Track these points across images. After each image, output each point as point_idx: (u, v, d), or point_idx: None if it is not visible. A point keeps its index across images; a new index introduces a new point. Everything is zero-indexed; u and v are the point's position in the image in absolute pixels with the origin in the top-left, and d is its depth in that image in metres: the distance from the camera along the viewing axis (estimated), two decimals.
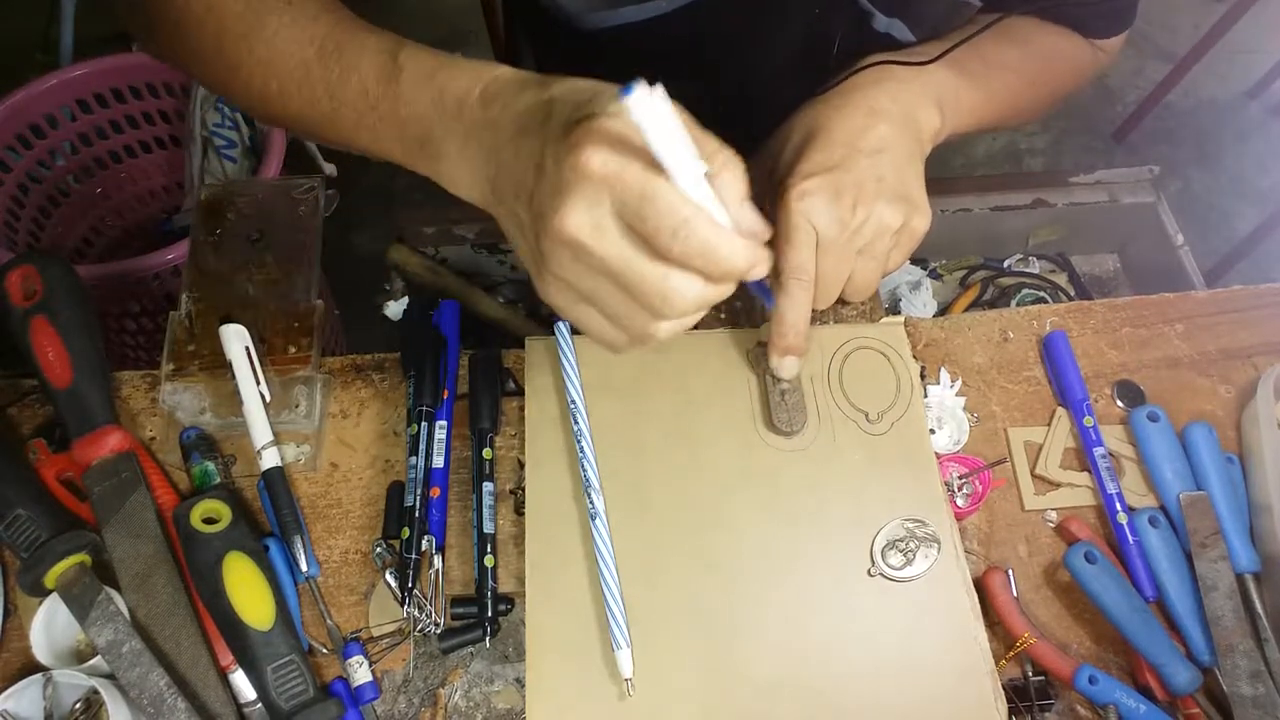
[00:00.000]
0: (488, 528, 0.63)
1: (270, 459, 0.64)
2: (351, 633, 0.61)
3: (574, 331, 0.67)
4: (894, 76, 0.60)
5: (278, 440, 0.65)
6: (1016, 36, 0.68)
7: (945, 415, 0.68)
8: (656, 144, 0.39)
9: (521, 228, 0.44)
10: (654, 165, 0.39)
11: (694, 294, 0.41)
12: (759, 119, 0.65)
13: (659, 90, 0.37)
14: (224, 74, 0.53)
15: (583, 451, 0.61)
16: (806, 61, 0.66)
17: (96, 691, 0.56)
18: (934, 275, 1.27)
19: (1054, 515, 0.66)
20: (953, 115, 0.63)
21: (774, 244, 0.56)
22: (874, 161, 0.57)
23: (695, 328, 0.47)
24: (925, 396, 0.68)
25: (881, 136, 0.58)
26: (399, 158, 0.50)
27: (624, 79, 0.76)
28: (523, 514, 0.63)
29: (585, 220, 0.39)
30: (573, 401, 0.63)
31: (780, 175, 0.59)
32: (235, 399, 0.66)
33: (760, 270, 0.42)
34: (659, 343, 0.44)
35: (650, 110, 0.37)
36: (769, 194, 0.62)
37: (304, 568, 0.62)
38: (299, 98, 0.51)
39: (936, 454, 0.65)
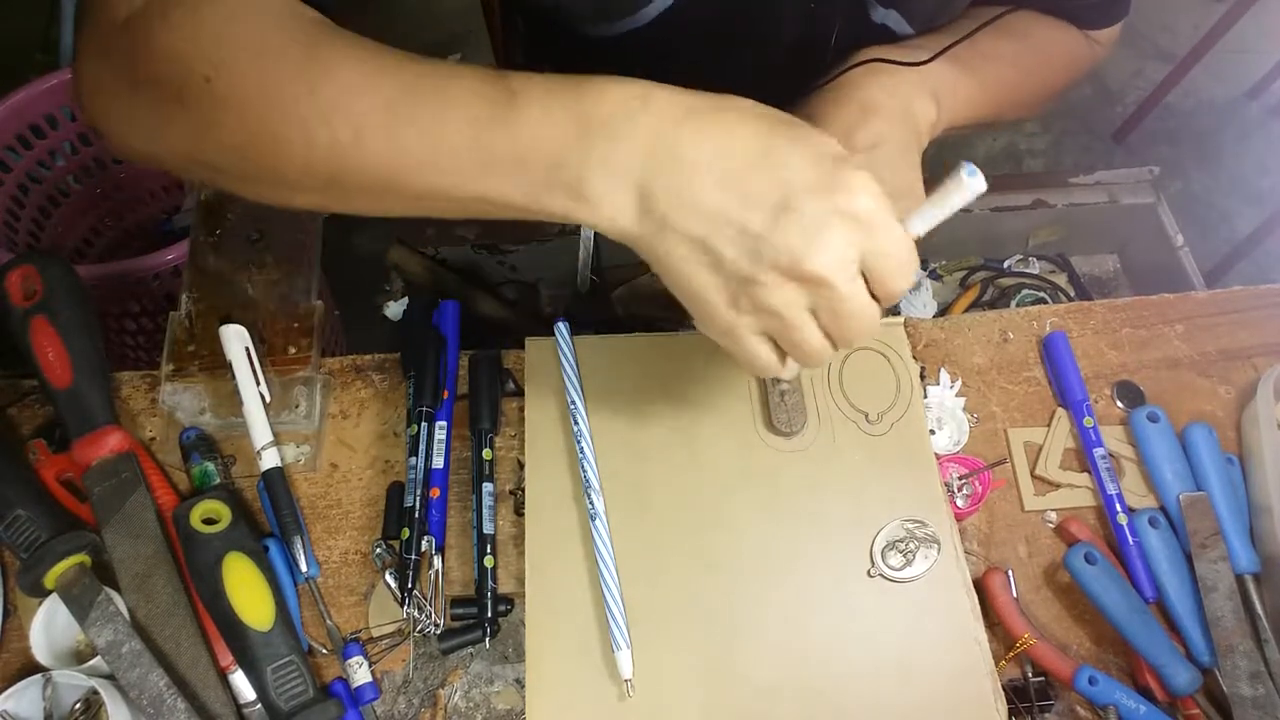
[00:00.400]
0: (487, 528, 0.63)
1: (270, 459, 0.64)
2: (351, 633, 0.61)
3: (573, 332, 0.67)
4: (888, 69, 0.60)
5: (278, 440, 0.65)
6: (1010, 29, 0.68)
7: (945, 416, 0.68)
8: (944, 208, 0.44)
9: (714, 260, 0.42)
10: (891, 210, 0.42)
11: (880, 321, 0.45)
12: None
13: (979, 173, 0.42)
14: (275, 132, 0.45)
15: (583, 452, 0.61)
16: (802, 56, 0.66)
17: (96, 692, 0.56)
18: (934, 276, 1.27)
19: (1054, 516, 0.66)
20: (949, 107, 0.63)
21: None
22: (868, 157, 0.57)
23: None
24: (925, 397, 0.68)
25: (876, 132, 0.58)
26: (516, 197, 0.44)
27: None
28: (523, 514, 0.63)
29: (840, 258, 0.41)
30: (573, 402, 0.63)
31: None
32: (235, 399, 0.66)
33: None
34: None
35: (974, 190, 0.42)
36: None
37: (304, 568, 0.62)
38: (384, 143, 0.44)
39: (936, 454, 0.65)
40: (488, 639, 0.61)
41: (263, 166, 0.46)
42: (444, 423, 0.66)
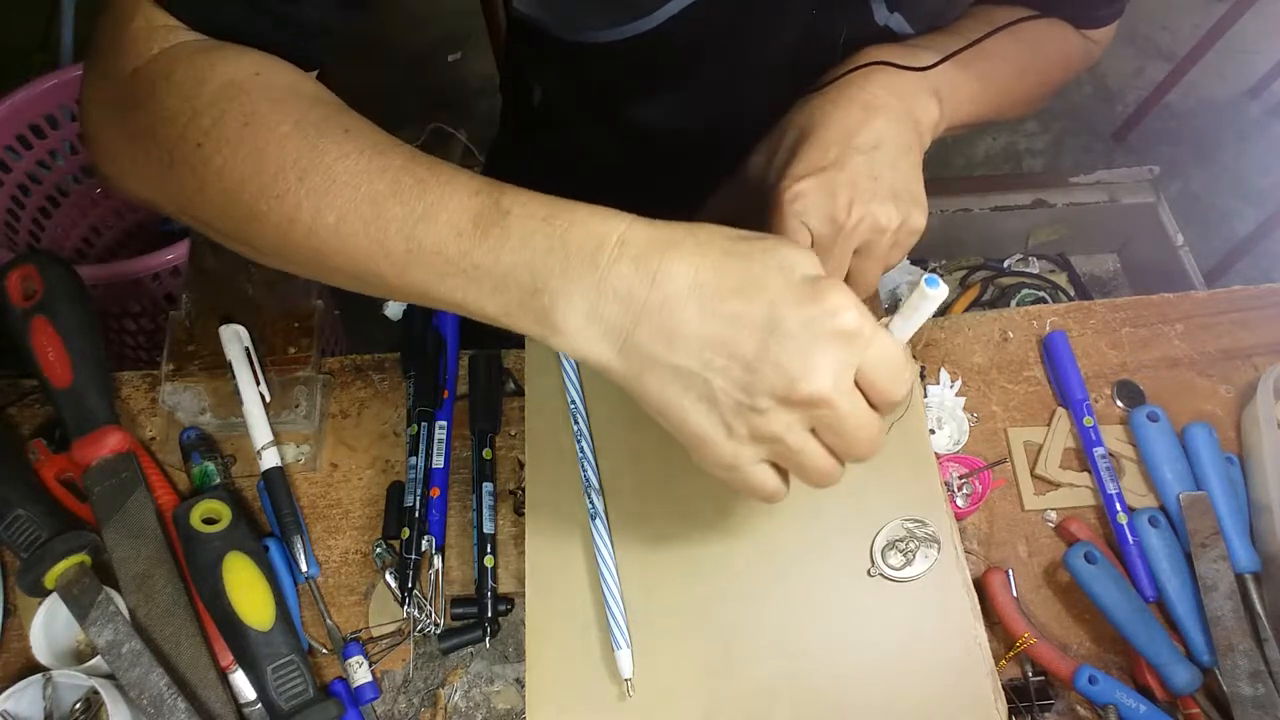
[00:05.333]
0: (488, 528, 0.63)
1: (270, 459, 0.64)
2: (351, 633, 0.61)
3: None
4: (888, 68, 0.60)
5: (278, 440, 0.65)
6: (1008, 27, 0.68)
7: (945, 415, 0.68)
8: (915, 317, 0.45)
9: (706, 392, 0.42)
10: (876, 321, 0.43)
11: (885, 431, 0.44)
12: (754, 122, 0.65)
13: (940, 282, 0.44)
14: (256, 208, 0.45)
15: (583, 452, 0.61)
16: (806, 59, 0.65)
17: (96, 691, 0.56)
18: None
19: (1054, 515, 0.66)
20: (951, 106, 0.62)
21: None
22: (869, 158, 0.57)
23: None
24: (925, 397, 0.68)
25: (877, 132, 0.57)
26: (491, 311, 0.43)
27: (623, 88, 0.75)
28: (523, 514, 0.63)
29: (836, 378, 0.41)
30: (573, 402, 0.63)
31: (775, 175, 0.59)
32: (235, 399, 0.66)
33: None
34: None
35: (937, 299, 0.44)
36: (764, 195, 0.62)
37: (304, 568, 0.62)
38: (365, 237, 0.43)
39: (936, 454, 0.65)
40: (488, 639, 0.61)
41: (244, 234, 0.47)
42: (444, 422, 0.66)
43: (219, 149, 0.45)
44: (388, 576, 0.62)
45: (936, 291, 0.43)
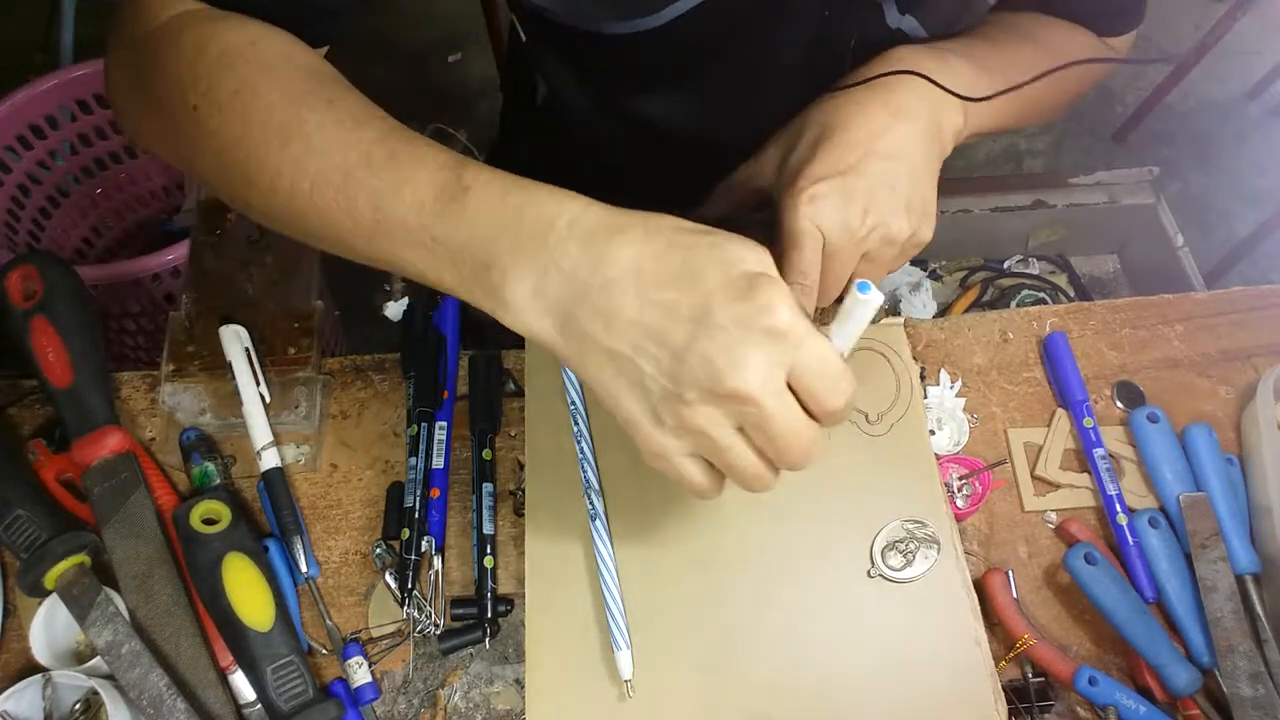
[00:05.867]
0: (487, 529, 0.63)
1: (270, 460, 0.64)
2: (351, 633, 0.61)
3: None
4: (918, 70, 0.59)
5: (278, 441, 0.65)
6: (1030, 33, 0.67)
7: (945, 416, 0.68)
8: (850, 323, 0.45)
9: (636, 377, 0.42)
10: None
11: (822, 442, 0.43)
12: (762, 122, 0.65)
13: (872, 288, 0.44)
14: (245, 171, 0.47)
15: (583, 453, 0.61)
16: (817, 59, 0.65)
17: (96, 692, 0.56)
18: (934, 276, 1.27)
19: (1054, 516, 0.66)
20: (975, 113, 0.62)
21: (777, 243, 0.56)
22: (890, 168, 0.56)
23: None
24: (925, 397, 0.68)
25: (900, 139, 0.57)
26: (449, 283, 0.45)
27: (629, 82, 0.74)
28: (523, 515, 0.63)
29: (764, 376, 0.40)
30: (573, 403, 0.63)
31: (792, 171, 0.58)
32: (235, 399, 0.66)
33: None
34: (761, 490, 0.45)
35: (872, 305, 0.44)
36: (768, 189, 0.62)
37: (304, 568, 0.62)
38: (336, 205, 0.45)
39: (936, 455, 0.65)
40: (488, 639, 0.61)
41: (238, 195, 0.50)
42: (444, 423, 0.66)
43: (212, 114, 0.48)
44: (388, 577, 0.62)
45: (868, 297, 0.44)
